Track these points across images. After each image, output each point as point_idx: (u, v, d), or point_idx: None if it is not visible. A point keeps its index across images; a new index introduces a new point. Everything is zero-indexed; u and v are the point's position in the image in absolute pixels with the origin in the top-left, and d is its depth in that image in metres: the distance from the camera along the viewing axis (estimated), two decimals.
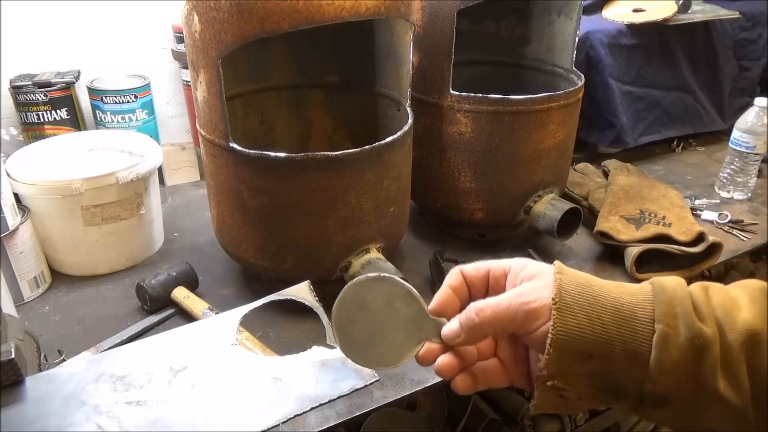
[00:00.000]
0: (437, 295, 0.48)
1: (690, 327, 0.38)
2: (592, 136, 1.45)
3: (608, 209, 1.10)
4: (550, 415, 1.24)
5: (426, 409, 1.21)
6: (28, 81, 1.11)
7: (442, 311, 0.47)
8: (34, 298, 0.94)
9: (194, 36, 0.77)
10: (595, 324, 0.39)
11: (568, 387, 0.41)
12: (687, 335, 0.38)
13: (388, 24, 0.94)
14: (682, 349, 0.38)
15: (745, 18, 1.54)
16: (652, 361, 0.38)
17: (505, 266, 0.47)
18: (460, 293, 0.48)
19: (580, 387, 0.41)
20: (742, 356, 0.38)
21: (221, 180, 0.85)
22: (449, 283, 0.48)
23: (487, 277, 0.47)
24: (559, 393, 0.41)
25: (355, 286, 0.48)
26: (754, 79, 1.65)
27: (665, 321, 0.39)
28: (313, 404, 0.71)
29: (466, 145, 0.99)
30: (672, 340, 0.38)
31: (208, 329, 0.79)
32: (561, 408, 0.44)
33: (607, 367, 0.40)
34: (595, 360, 0.40)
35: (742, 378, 0.38)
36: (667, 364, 0.38)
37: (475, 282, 0.47)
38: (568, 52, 1.11)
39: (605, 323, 0.39)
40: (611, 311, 0.40)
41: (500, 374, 0.47)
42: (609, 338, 0.39)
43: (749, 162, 1.27)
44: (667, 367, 0.38)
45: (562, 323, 0.40)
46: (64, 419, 0.66)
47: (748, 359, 0.38)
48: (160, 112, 1.33)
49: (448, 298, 0.47)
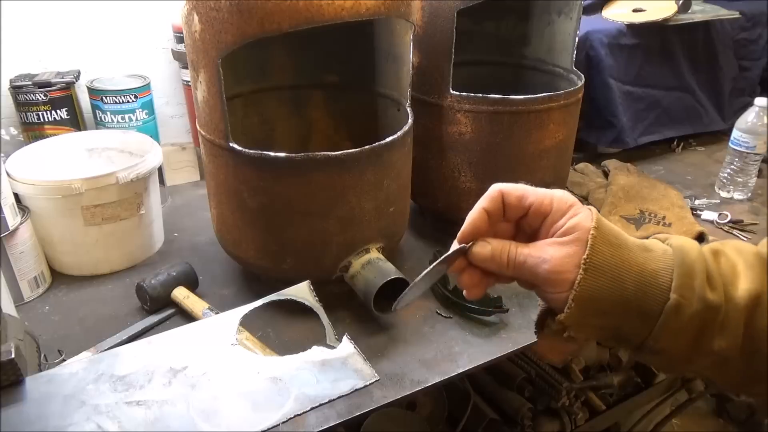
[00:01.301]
0: (470, 218, 0.49)
1: (702, 300, 0.41)
2: (592, 136, 1.45)
3: (608, 209, 1.10)
4: (550, 415, 1.24)
5: (426, 409, 1.21)
6: (28, 81, 1.11)
7: (473, 237, 0.49)
8: (34, 298, 0.94)
9: (194, 36, 0.77)
10: (617, 286, 0.42)
11: (579, 335, 0.44)
12: (698, 307, 0.41)
13: (388, 24, 0.94)
14: (691, 318, 0.41)
15: (745, 18, 1.54)
16: (659, 324, 0.41)
17: (547, 204, 0.47)
18: (495, 218, 0.49)
19: (590, 334, 0.45)
20: (743, 317, 0.41)
21: (221, 180, 0.85)
22: (485, 206, 0.49)
23: (527, 209, 0.48)
24: (569, 335, 0.45)
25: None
26: (754, 79, 1.65)
27: (680, 292, 0.41)
28: (313, 404, 0.71)
29: (466, 145, 0.99)
30: (684, 310, 0.41)
31: (208, 329, 0.79)
32: (565, 343, 0.46)
33: (618, 323, 0.43)
34: (610, 316, 0.43)
35: (738, 336, 0.41)
36: (673, 329, 0.42)
37: (515, 206, 0.48)
38: (568, 52, 1.11)
39: (627, 286, 0.42)
40: (635, 276, 0.42)
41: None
42: (627, 300, 0.42)
43: (749, 162, 1.27)
44: (672, 331, 0.42)
45: (587, 284, 0.42)
46: (64, 419, 0.66)
47: (747, 319, 0.41)
48: (160, 112, 1.33)
49: (481, 223, 0.49)
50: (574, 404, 1.25)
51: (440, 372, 0.79)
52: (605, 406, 1.30)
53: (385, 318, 0.87)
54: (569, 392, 1.23)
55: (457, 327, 0.88)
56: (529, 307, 0.93)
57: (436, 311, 0.91)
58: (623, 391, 1.36)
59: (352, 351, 0.80)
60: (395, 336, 0.85)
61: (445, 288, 0.93)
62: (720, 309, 0.41)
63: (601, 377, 1.29)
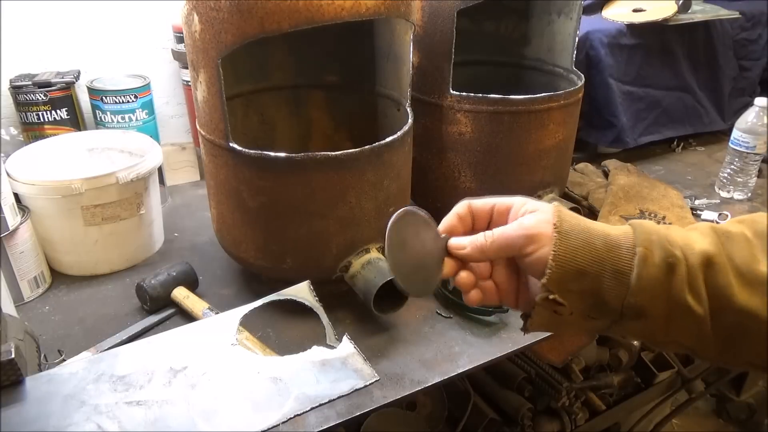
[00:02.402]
0: (445, 219, 0.54)
1: (664, 249, 0.46)
2: (592, 136, 1.45)
3: (608, 209, 1.10)
4: (550, 415, 1.24)
5: (426, 409, 1.21)
6: (28, 81, 1.11)
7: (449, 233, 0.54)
8: (34, 298, 0.94)
9: (194, 36, 0.77)
10: (589, 247, 0.47)
11: (564, 301, 0.47)
12: (661, 255, 0.45)
13: (388, 24, 0.94)
14: (658, 267, 0.45)
15: (745, 18, 1.54)
16: (633, 278, 0.45)
17: (507, 202, 0.53)
18: (465, 222, 0.54)
19: (573, 302, 0.47)
20: (701, 274, 0.45)
21: (221, 180, 0.85)
22: (457, 212, 0.54)
23: (491, 212, 0.53)
24: (554, 309, 0.48)
25: (394, 225, 0.54)
26: (754, 79, 1.65)
27: (644, 245, 0.46)
28: (313, 404, 0.71)
29: (466, 145, 0.99)
30: (649, 260, 0.45)
31: (208, 329, 0.79)
32: (553, 325, 0.50)
33: (596, 285, 0.46)
34: (588, 278, 0.47)
35: (702, 293, 0.45)
36: (645, 280, 0.45)
37: (481, 214, 0.54)
38: (568, 52, 1.11)
39: (597, 247, 0.47)
40: (602, 239, 0.47)
41: (494, 294, 0.54)
42: (600, 259, 0.46)
43: (749, 162, 1.27)
44: (644, 282, 0.45)
45: (562, 245, 0.47)
46: (64, 419, 0.66)
47: (705, 278, 0.45)
48: (160, 112, 1.33)
49: (454, 223, 0.54)
50: (574, 404, 1.25)
51: (440, 372, 0.79)
52: (605, 406, 1.30)
53: (385, 318, 0.87)
54: (569, 392, 1.23)
55: (457, 327, 0.88)
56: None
57: (436, 311, 0.91)
58: (623, 391, 1.36)
59: (352, 351, 0.80)
60: (395, 336, 0.85)
61: (445, 288, 0.93)
62: (681, 262, 0.45)
63: (601, 377, 1.29)
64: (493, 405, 1.23)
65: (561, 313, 0.48)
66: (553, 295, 0.47)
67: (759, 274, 0.44)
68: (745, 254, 0.45)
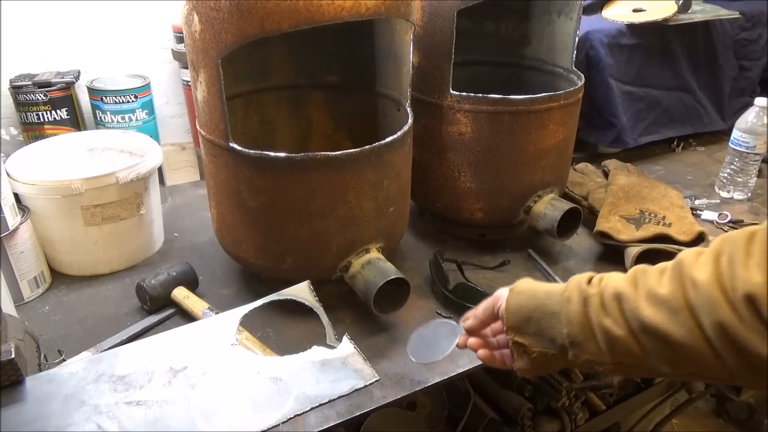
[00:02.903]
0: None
1: (581, 290, 0.60)
2: (592, 136, 1.45)
3: (608, 209, 1.10)
4: (550, 415, 1.24)
5: (426, 409, 1.21)
6: (28, 81, 1.11)
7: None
8: (34, 298, 0.94)
9: (194, 36, 0.77)
10: (533, 299, 0.63)
11: (524, 341, 0.63)
12: (579, 295, 0.60)
13: (388, 24, 0.94)
14: (576, 303, 0.59)
15: (745, 18, 1.54)
16: (562, 315, 0.60)
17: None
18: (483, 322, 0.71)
19: (532, 342, 0.62)
20: (615, 304, 0.57)
21: (221, 180, 0.85)
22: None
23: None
24: (523, 350, 0.64)
25: (417, 334, 0.74)
26: (754, 79, 1.65)
27: (569, 291, 0.61)
28: (313, 404, 0.71)
29: (466, 145, 0.99)
30: (571, 299, 0.60)
31: (208, 329, 0.79)
32: (532, 366, 0.64)
33: (543, 326, 0.62)
34: (534, 322, 0.62)
35: (618, 317, 0.56)
36: (570, 315, 0.59)
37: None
38: (568, 52, 1.11)
39: (540, 298, 0.63)
40: (544, 292, 0.63)
41: (495, 349, 0.70)
42: (541, 306, 0.62)
43: (749, 162, 1.27)
44: (570, 316, 0.59)
45: (512, 299, 0.64)
46: (64, 419, 0.66)
47: (618, 305, 0.56)
48: (160, 112, 1.33)
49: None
50: (574, 404, 1.25)
51: (440, 372, 0.79)
52: (605, 406, 1.30)
53: (385, 318, 0.87)
54: (569, 392, 1.23)
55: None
56: None
57: (436, 311, 0.91)
58: (623, 391, 1.36)
59: (352, 351, 0.80)
60: (395, 336, 0.85)
61: (445, 288, 0.93)
62: (594, 297, 0.58)
63: (601, 377, 1.29)
64: (493, 405, 1.22)
65: (530, 353, 0.63)
66: (514, 337, 0.63)
67: (658, 294, 0.54)
68: (653, 282, 0.55)
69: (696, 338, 0.51)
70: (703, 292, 0.51)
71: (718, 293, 0.50)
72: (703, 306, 0.51)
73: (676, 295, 0.53)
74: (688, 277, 0.53)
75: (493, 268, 1.03)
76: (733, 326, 0.49)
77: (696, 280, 0.52)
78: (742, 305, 0.48)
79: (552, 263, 1.05)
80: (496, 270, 1.03)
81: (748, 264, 0.49)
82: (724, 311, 0.49)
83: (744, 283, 0.48)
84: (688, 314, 0.52)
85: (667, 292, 0.54)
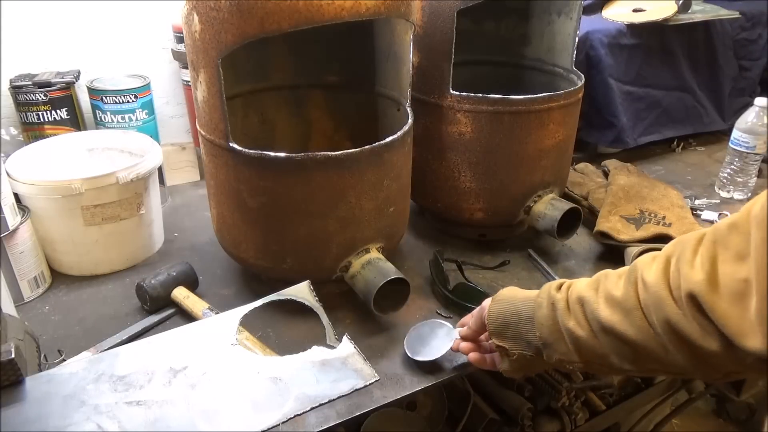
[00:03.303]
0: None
1: (549, 296, 0.66)
2: (592, 136, 1.45)
3: (608, 209, 1.10)
4: (549, 415, 1.24)
5: (426, 409, 1.21)
6: (28, 81, 1.11)
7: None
8: (34, 298, 0.94)
9: (194, 36, 0.77)
10: (511, 306, 0.70)
11: (505, 345, 0.69)
12: (548, 300, 0.66)
13: (388, 24, 0.94)
14: (546, 308, 0.66)
15: (745, 18, 1.54)
16: (534, 320, 0.67)
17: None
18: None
19: (512, 345, 0.69)
20: (579, 307, 0.62)
21: (221, 180, 0.85)
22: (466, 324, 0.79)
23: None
24: (505, 353, 0.70)
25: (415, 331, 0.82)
26: (754, 79, 1.65)
27: (540, 297, 0.68)
28: (313, 404, 0.71)
29: (466, 145, 0.99)
30: (542, 305, 0.66)
31: (208, 329, 0.79)
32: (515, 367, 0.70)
33: (519, 330, 0.68)
34: (512, 326, 0.69)
35: (581, 319, 0.61)
36: (540, 318, 0.66)
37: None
38: (568, 52, 1.11)
39: (518, 305, 0.69)
40: (522, 299, 0.70)
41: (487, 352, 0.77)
42: (518, 311, 0.69)
43: (749, 162, 1.27)
44: (541, 319, 0.66)
45: (493, 306, 0.72)
46: (64, 419, 0.66)
47: (582, 308, 0.62)
48: (160, 112, 1.33)
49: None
50: (574, 404, 1.25)
51: (440, 372, 0.79)
52: (605, 406, 1.30)
53: (385, 318, 0.87)
54: (569, 392, 1.23)
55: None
56: None
57: (436, 311, 0.91)
58: (623, 391, 1.35)
59: (352, 351, 0.80)
60: (395, 336, 0.85)
61: (445, 288, 0.93)
62: (560, 301, 0.64)
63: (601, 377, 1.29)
64: (493, 405, 1.22)
65: (511, 355, 0.69)
66: (496, 341, 0.70)
67: (614, 296, 0.59)
68: (611, 285, 0.60)
69: (648, 335, 0.56)
70: (652, 291, 0.55)
71: (666, 292, 0.54)
72: (652, 305, 0.55)
73: (629, 296, 0.57)
74: (641, 279, 0.57)
75: (493, 268, 1.03)
76: (678, 322, 0.52)
77: (646, 280, 0.56)
78: (684, 302, 0.51)
79: (552, 263, 1.05)
80: (496, 270, 1.03)
81: (693, 263, 0.52)
82: (671, 308, 0.53)
83: (686, 281, 0.51)
84: (640, 313, 0.56)
85: (621, 293, 0.58)
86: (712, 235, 0.52)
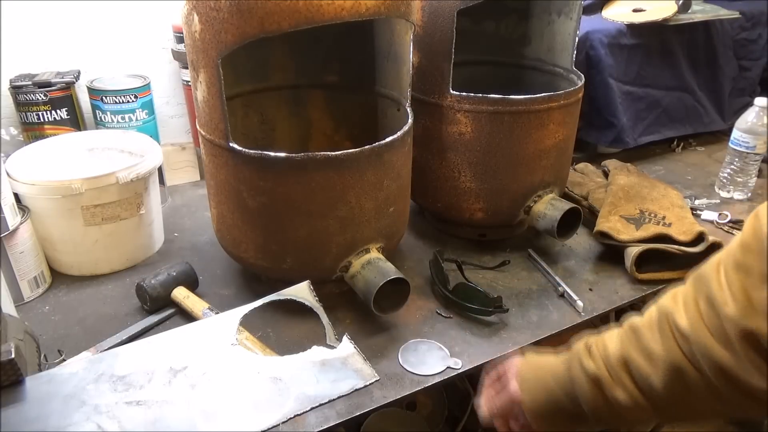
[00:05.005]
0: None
1: (583, 369, 0.61)
2: (592, 136, 1.45)
3: (608, 209, 1.10)
4: None
5: (426, 409, 1.21)
6: (28, 81, 1.11)
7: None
8: (34, 298, 0.94)
9: (194, 36, 0.77)
10: (548, 394, 0.65)
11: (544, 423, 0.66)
12: (584, 375, 0.61)
13: (388, 24, 0.94)
14: (584, 384, 0.61)
15: (745, 18, 1.54)
16: (577, 392, 0.62)
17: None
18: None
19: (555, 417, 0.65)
20: (624, 373, 0.58)
21: (221, 180, 0.85)
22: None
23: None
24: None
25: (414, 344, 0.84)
26: (754, 79, 1.65)
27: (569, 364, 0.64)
28: (313, 404, 0.71)
29: (466, 145, 0.99)
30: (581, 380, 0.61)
31: (208, 329, 0.79)
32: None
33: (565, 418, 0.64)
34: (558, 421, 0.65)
35: (629, 387, 0.57)
36: (581, 393, 0.61)
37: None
38: (568, 52, 1.11)
39: (555, 392, 0.64)
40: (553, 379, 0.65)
41: None
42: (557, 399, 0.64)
43: (749, 162, 1.27)
44: (581, 394, 0.61)
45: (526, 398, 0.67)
46: (64, 419, 0.66)
47: (626, 373, 0.58)
48: (160, 112, 1.33)
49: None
50: None
51: (440, 372, 0.79)
52: None
53: (385, 318, 0.87)
54: None
55: (457, 327, 0.88)
56: (528, 307, 0.93)
57: (436, 311, 0.91)
58: None
59: (352, 351, 0.80)
60: (395, 336, 0.85)
61: (445, 288, 0.93)
62: (600, 369, 0.59)
63: None
64: None
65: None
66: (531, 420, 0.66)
67: (655, 352, 0.55)
68: (647, 341, 0.56)
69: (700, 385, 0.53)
70: (693, 340, 0.52)
71: (709, 338, 0.51)
72: (698, 352, 0.52)
73: (672, 351, 0.54)
74: (675, 329, 0.54)
75: (493, 268, 1.03)
76: (731, 365, 0.50)
77: (683, 330, 0.53)
78: (736, 342, 0.49)
79: (552, 263, 1.05)
80: (496, 270, 1.03)
81: (725, 299, 0.50)
82: (719, 353, 0.50)
83: (731, 321, 0.49)
84: (690, 367, 0.53)
85: (662, 349, 0.55)
86: (731, 261, 0.50)
